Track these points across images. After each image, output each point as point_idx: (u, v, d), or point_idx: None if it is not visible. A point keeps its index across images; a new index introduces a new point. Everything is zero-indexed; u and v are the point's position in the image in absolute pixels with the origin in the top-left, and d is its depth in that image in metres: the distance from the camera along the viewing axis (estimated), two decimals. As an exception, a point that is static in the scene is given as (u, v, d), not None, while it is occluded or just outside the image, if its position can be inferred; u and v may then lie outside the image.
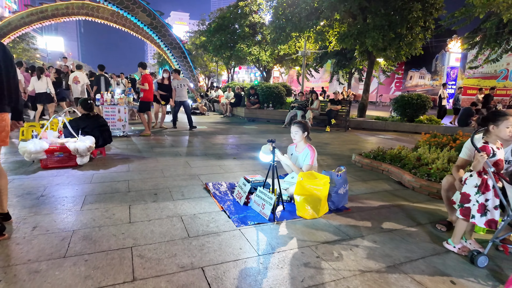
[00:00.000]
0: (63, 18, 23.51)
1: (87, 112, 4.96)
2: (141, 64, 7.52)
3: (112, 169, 4.35)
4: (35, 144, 4.05)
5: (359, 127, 10.59)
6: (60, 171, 4.14)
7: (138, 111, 7.49)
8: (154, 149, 5.86)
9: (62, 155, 4.36)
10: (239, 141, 7.18)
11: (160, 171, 4.35)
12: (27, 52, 36.13)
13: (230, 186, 3.72)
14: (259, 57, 17.08)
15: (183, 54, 25.19)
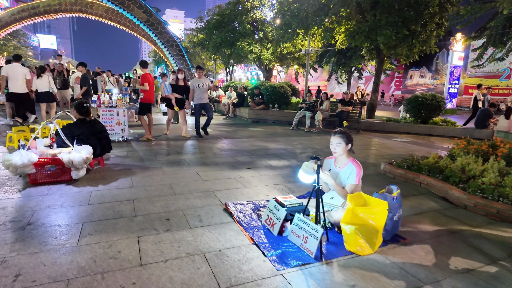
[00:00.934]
0: (55, 14, 22.63)
1: (82, 117, 4.35)
2: (142, 62, 6.89)
3: (113, 185, 3.74)
4: (22, 156, 3.43)
5: (370, 129, 10.07)
6: (52, 188, 3.52)
7: (138, 114, 6.87)
8: (158, 157, 5.25)
9: (54, 168, 3.74)
10: (249, 146, 6.60)
11: (169, 187, 3.75)
12: (18, 50, 35.08)
13: (255, 207, 3.14)
14: (261, 55, 16.49)
15: (181, 52, 24.49)
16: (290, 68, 24.19)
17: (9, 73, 7.31)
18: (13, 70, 7.31)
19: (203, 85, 7.11)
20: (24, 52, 38.61)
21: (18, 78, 7.30)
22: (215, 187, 3.79)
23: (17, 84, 7.33)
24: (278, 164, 5.09)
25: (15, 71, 7.31)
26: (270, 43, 16.56)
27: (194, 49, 28.07)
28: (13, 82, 7.31)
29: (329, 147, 2.87)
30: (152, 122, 7.05)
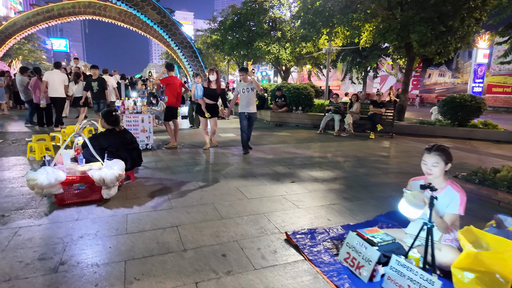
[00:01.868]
0: (69, 17, 22.64)
1: (111, 126, 3.91)
2: (167, 65, 6.44)
3: (149, 205, 3.29)
4: (49, 174, 3.00)
5: (403, 132, 9.43)
6: (81, 211, 3.08)
7: (164, 120, 6.43)
8: (189, 169, 4.79)
9: (83, 186, 3.31)
10: (282, 153, 6.09)
11: (212, 207, 3.27)
12: (33, 53, 35.42)
13: (324, 238, 2.62)
14: (279, 55, 15.95)
15: (194, 54, 24.20)
16: (303, 68, 23.62)
17: (49, 79, 7.85)
18: (53, 76, 7.92)
19: (248, 89, 5.86)
20: (38, 55, 39.02)
21: (58, 83, 7.94)
22: (264, 208, 3.29)
23: (56, 89, 7.95)
24: (323, 176, 4.56)
25: (55, 77, 7.92)
26: (289, 42, 16.03)
27: (207, 50, 27.71)
28: (53, 88, 7.91)
29: (421, 166, 2.33)
30: (177, 128, 6.61)
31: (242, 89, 5.90)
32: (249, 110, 5.90)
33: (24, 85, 8.64)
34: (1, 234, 2.55)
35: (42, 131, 7.75)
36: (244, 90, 5.88)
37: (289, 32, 15.99)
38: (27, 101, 8.72)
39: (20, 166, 4.66)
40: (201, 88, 6.15)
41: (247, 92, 5.86)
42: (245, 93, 5.86)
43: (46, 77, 7.89)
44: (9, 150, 5.68)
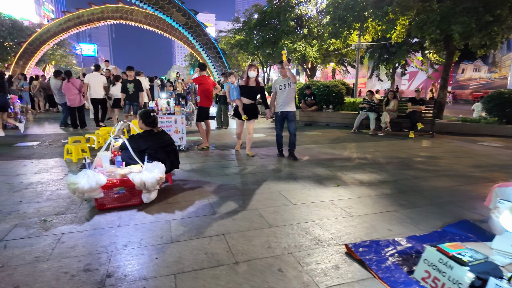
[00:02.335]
0: (98, 22, 23.37)
1: (149, 128, 3.78)
2: (200, 65, 6.31)
3: (191, 210, 3.11)
4: (90, 178, 2.89)
5: (444, 131, 8.83)
6: (122, 216, 2.95)
7: (197, 120, 6.29)
8: (226, 171, 4.60)
9: (123, 190, 3.18)
10: (319, 154, 5.78)
11: (257, 213, 3.04)
12: (65, 58, 36.95)
13: (390, 252, 2.32)
14: (305, 53, 15.57)
15: (218, 54, 24.25)
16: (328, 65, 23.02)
17: (90, 81, 8.33)
18: (94, 78, 8.36)
19: (286, 85, 5.23)
20: (69, 60, 40.68)
21: (98, 85, 8.39)
22: (313, 216, 3.02)
23: (97, 91, 8.40)
24: (369, 180, 4.22)
25: (96, 79, 8.38)
26: (315, 39, 15.61)
27: (231, 50, 27.69)
28: (94, 89, 8.36)
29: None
30: (209, 129, 6.47)
31: (279, 85, 5.30)
32: (287, 109, 5.30)
33: (58, 88, 8.84)
34: (44, 241, 2.45)
35: (76, 133, 7.88)
36: (281, 86, 5.27)
37: (316, 28, 15.57)
38: (61, 104, 8.93)
39: (58, 168, 4.65)
40: (236, 88, 5.51)
41: (284, 88, 5.25)
42: (282, 90, 5.26)
43: (87, 79, 8.35)
44: (47, 152, 5.74)
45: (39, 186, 3.79)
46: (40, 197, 3.44)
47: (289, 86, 5.24)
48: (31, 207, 3.14)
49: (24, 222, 2.79)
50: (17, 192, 3.58)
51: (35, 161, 5.04)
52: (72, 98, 8.29)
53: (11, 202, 3.25)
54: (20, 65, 22.11)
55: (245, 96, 5.54)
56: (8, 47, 25.98)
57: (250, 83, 5.50)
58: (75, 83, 8.32)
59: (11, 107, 8.64)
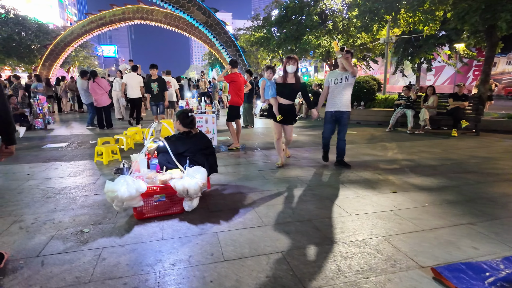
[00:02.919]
0: (119, 23, 23.62)
1: (187, 129, 3.50)
2: (231, 62, 6.01)
3: (237, 220, 2.80)
4: (129, 185, 2.63)
5: (488, 128, 8.16)
6: (164, 227, 2.67)
7: (227, 120, 6.00)
8: (264, 174, 4.27)
9: (164, 198, 2.91)
10: (360, 155, 5.36)
11: (312, 226, 2.69)
12: (87, 60, 37.79)
13: (491, 277, 1.92)
14: (330, 48, 15.02)
15: (238, 53, 24.00)
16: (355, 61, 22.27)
17: (128, 81, 8.53)
18: (131, 78, 8.55)
19: (342, 79, 4.31)
20: (91, 61, 41.63)
21: (135, 85, 8.53)
22: (378, 230, 2.63)
23: (134, 91, 8.56)
24: (427, 185, 3.79)
25: (133, 79, 8.54)
26: (340, 34, 15.03)
27: (250, 48, 27.37)
28: (131, 89, 8.54)
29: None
30: (240, 129, 6.17)
31: (334, 79, 4.34)
32: (342, 108, 4.35)
33: (84, 88, 8.79)
34: (84, 257, 2.20)
35: (103, 134, 7.78)
36: (337, 80, 4.30)
37: (341, 23, 14.99)
38: (87, 104, 8.88)
39: (89, 171, 4.47)
40: (273, 85, 4.48)
41: (340, 82, 4.30)
42: (338, 84, 4.30)
43: (125, 79, 8.62)
44: (76, 153, 5.61)
45: (72, 191, 3.59)
46: (74, 203, 3.23)
47: (346, 81, 4.30)
48: (66, 215, 2.92)
49: (60, 233, 2.56)
50: (51, 198, 3.38)
51: (65, 163, 4.90)
52: (98, 98, 8.20)
53: (46, 210, 3.05)
54: (46, 67, 22.69)
55: (282, 95, 4.46)
56: (35, 50, 26.73)
57: (288, 79, 4.40)
58: (100, 83, 8.23)
59: (39, 108, 8.67)
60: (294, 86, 4.43)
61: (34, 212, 2.99)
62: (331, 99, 4.48)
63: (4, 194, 3.50)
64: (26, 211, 3.03)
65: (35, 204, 3.21)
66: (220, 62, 34.45)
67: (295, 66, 4.32)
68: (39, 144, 6.52)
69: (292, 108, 4.57)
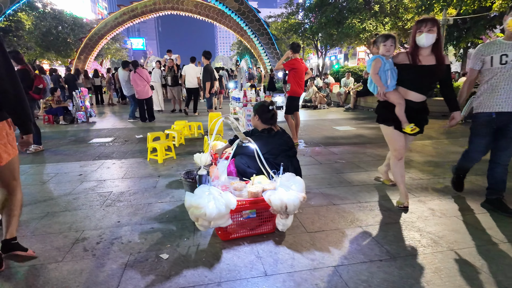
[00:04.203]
0: (151, 14, 23.42)
1: (267, 125, 2.87)
2: (292, 45, 5.28)
3: (351, 247, 2.14)
4: (217, 201, 2.05)
5: None
6: (260, 253, 2.08)
7: (285, 113, 5.34)
8: (348, 178, 3.59)
9: (254, 214, 2.31)
10: (444, 153, 4.52)
11: (467, 266, 1.99)
12: (119, 52, 38.33)
13: None
14: (376, 33, 13.82)
15: (270, 41, 23.20)
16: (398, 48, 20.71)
17: (187, 71, 8.98)
18: (190, 69, 8.96)
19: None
20: (123, 54, 42.32)
21: (193, 76, 8.89)
22: None
23: (192, 81, 8.94)
24: None
25: (192, 70, 8.94)
26: (388, 17, 13.78)
27: (283, 35, 26.34)
28: (190, 79, 8.93)
29: None
30: (299, 122, 5.49)
31: (501, 55, 2.47)
32: None
33: (126, 79, 8.44)
34: (174, 302, 1.64)
35: (146, 127, 7.39)
36: (506, 57, 2.44)
37: (388, 4, 13.72)
38: (129, 96, 8.54)
39: (144, 171, 3.99)
40: (392, 68, 2.60)
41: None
42: (508, 65, 2.44)
43: (184, 71, 9.08)
44: (125, 150, 5.19)
45: (132, 198, 3.10)
46: (138, 214, 2.72)
47: None
48: (134, 232, 2.41)
49: (133, 259, 2.04)
50: (111, 206, 2.90)
51: (117, 161, 4.47)
52: (140, 90, 7.81)
53: (109, 223, 2.56)
54: (81, 59, 23.03)
55: (412, 86, 2.60)
56: (71, 43, 27.28)
57: (421, 58, 2.53)
58: (142, 73, 7.81)
59: (81, 101, 8.44)
60: (435, 70, 2.52)
61: (97, 226, 2.50)
62: (493, 91, 2.54)
63: (60, 200, 3.07)
64: (87, 224, 2.55)
65: (95, 214, 2.73)
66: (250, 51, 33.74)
67: (434, 34, 2.43)
68: (85, 138, 6.20)
69: (425, 107, 2.72)
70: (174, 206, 2.88)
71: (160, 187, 3.40)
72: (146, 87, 7.87)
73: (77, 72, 12.87)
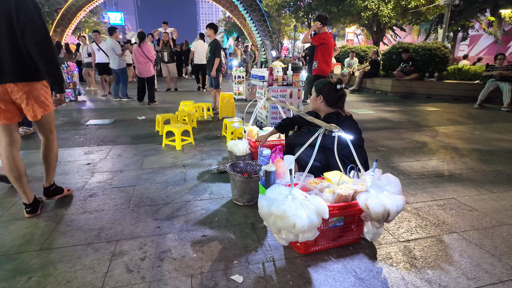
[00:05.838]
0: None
1: (334, 109, 2.38)
2: (321, 18, 4.69)
3: (462, 262, 1.75)
4: (308, 210, 1.57)
5: None
6: (361, 275, 1.65)
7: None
8: (393, 164, 3.19)
9: (341, 222, 1.85)
10: (475, 140, 4.22)
11: None
12: (98, 26, 35.92)
13: None
14: (378, 12, 13.32)
15: (263, 18, 22.25)
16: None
17: (196, 48, 8.82)
18: (199, 46, 8.84)
19: None
20: (101, 28, 39.76)
21: (203, 52, 8.65)
22: None
23: (200, 57, 8.81)
24: None
25: (201, 47, 8.81)
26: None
27: (275, 12, 25.29)
28: (199, 56, 8.80)
29: None
30: (324, 105, 5.00)
31: None
32: None
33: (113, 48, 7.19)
34: None
35: (146, 108, 6.71)
36: None
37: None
38: (117, 70, 7.41)
39: (163, 160, 3.42)
40: None
41: None
42: None
43: (193, 47, 8.92)
44: (131, 133, 4.56)
45: (163, 193, 2.57)
46: (179, 217, 2.21)
47: None
48: (184, 242, 1.91)
49: (198, 284, 1.56)
50: (141, 206, 2.37)
51: (127, 147, 3.87)
52: (141, 68, 7.01)
53: (148, 230, 2.04)
54: (58, 32, 21.25)
55: None
56: (46, 14, 25.11)
57: None
58: (146, 50, 6.92)
59: (69, 77, 7.56)
60: None
61: (133, 234, 1.98)
62: None
63: (75, 199, 2.50)
64: (119, 230, 2.03)
65: (125, 217, 2.20)
66: (239, 29, 32.40)
67: None
68: (79, 120, 5.48)
69: None
70: (219, 205, 2.39)
71: (190, 180, 2.88)
72: (148, 65, 7.06)
73: (57, 46, 11.66)
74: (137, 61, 6.94)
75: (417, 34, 31.37)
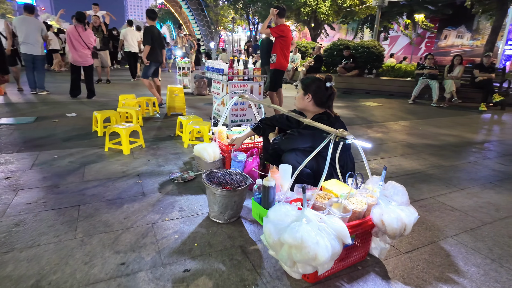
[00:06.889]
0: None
1: (323, 109, 2.14)
2: (279, 8, 4.40)
3: (475, 277, 1.68)
4: (329, 235, 1.30)
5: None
6: (381, 301, 1.45)
7: (270, 89, 4.60)
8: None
9: (352, 241, 1.62)
10: (439, 136, 4.52)
11: None
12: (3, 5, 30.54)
13: None
14: (317, 9, 13.73)
15: (200, 7, 21.47)
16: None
17: (127, 35, 8.65)
18: (129, 33, 8.70)
19: None
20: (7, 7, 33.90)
21: (133, 40, 8.74)
22: None
23: (132, 45, 8.72)
24: None
25: (131, 34, 8.72)
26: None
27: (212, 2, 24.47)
28: (130, 43, 8.70)
29: None
30: (282, 101, 4.83)
31: None
32: None
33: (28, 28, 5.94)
34: None
35: (76, 102, 5.72)
36: None
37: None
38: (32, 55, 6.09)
39: (109, 166, 2.83)
40: None
41: None
42: None
43: (122, 35, 8.76)
44: (62, 135, 3.76)
45: (122, 216, 2.06)
46: (147, 246, 1.76)
47: None
48: (163, 282, 1.49)
49: None
50: (92, 236, 1.84)
51: (59, 153, 3.13)
52: (77, 55, 5.88)
53: (109, 269, 1.55)
54: None
55: None
56: None
57: None
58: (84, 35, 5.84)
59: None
60: None
61: (89, 279, 1.48)
62: None
63: (-11, 231, 1.83)
64: (68, 274, 1.50)
65: (73, 254, 1.65)
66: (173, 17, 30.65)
67: None
68: (-15, 118, 4.37)
69: None
70: (195, 226, 1.98)
71: (150, 193, 2.39)
72: (85, 52, 5.96)
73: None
74: (74, 47, 5.82)
75: (345, 32, 33.65)
